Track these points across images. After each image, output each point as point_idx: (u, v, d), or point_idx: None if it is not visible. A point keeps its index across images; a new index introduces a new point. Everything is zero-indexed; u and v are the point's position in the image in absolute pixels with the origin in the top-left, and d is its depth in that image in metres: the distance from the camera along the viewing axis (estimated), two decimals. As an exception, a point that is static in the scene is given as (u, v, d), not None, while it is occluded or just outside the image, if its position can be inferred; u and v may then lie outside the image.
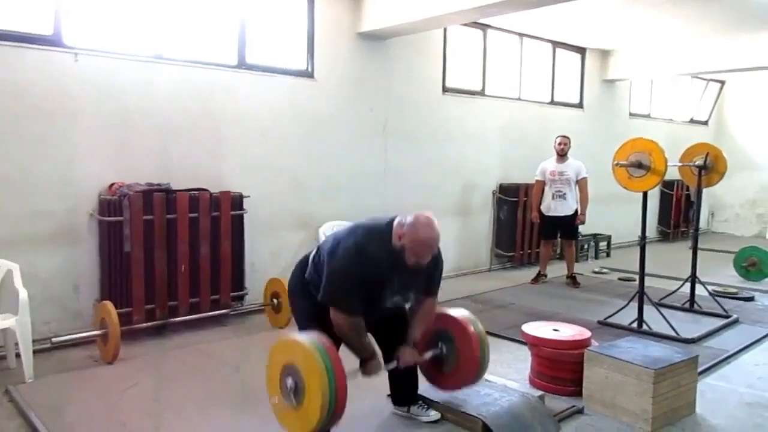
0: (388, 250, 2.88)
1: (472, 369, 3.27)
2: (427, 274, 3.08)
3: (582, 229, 7.70)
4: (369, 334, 3.11)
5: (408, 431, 3.26)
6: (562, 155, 6.92)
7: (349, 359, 3.00)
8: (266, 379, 2.91)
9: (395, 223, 2.92)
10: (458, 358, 3.28)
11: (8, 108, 4.40)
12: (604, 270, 8.04)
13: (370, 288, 2.90)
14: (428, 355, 3.29)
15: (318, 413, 2.60)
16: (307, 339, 2.74)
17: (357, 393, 3.09)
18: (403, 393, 3.40)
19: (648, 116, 10.84)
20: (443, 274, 3.27)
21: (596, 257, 9.08)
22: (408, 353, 3.14)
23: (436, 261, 3.08)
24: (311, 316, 3.08)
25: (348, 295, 2.86)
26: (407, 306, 3.17)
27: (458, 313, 3.36)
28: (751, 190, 11.89)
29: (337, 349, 2.92)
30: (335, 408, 2.63)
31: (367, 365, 3.03)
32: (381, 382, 3.48)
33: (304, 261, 3.21)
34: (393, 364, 3.17)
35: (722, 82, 12.24)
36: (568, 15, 7.31)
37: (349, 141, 6.43)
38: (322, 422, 2.63)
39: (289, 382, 2.73)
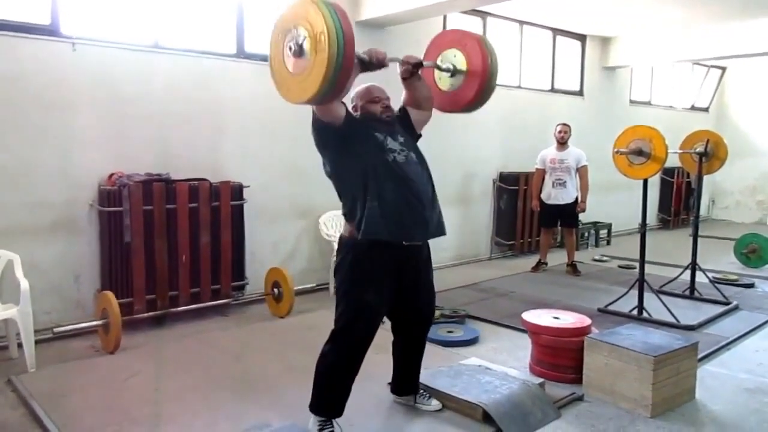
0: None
1: (477, 88, 3.14)
2: (403, 122, 3.20)
3: (582, 217, 7.69)
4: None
5: (409, 420, 3.27)
6: (562, 143, 6.91)
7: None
8: (269, 54, 2.71)
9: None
10: (465, 76, 3.17)
11: (6, 98, 4.39)
12: (605, 258, 8.04)
13: (363, 136, 2.94)
14: (431, 63, 3.22)
15: (325, 68, 2.38)
16: None
17: (358, 382, 3.10)
18: (405, 383, 3.39)
19: (648, 103, 10.81)
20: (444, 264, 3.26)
21: (596, 245, 9.09)
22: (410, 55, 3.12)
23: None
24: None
25: None
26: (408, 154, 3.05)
27: (470, 31, 3.25)
28: (751, 176, 11.87)
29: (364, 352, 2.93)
30: (343, 60, 2.41)
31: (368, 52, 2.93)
32: (383, 371, 3.50)
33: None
34: (398, 59, 3.12)
35: (723, 69, 12.18)
36: (568, 2, 7.28)
37: (348, 130, 6.40)
38: (329, 79, 2.42)
39: (290, 43, 2.53)
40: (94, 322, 4.35)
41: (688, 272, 5.89)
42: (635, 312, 5.08)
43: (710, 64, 11.71)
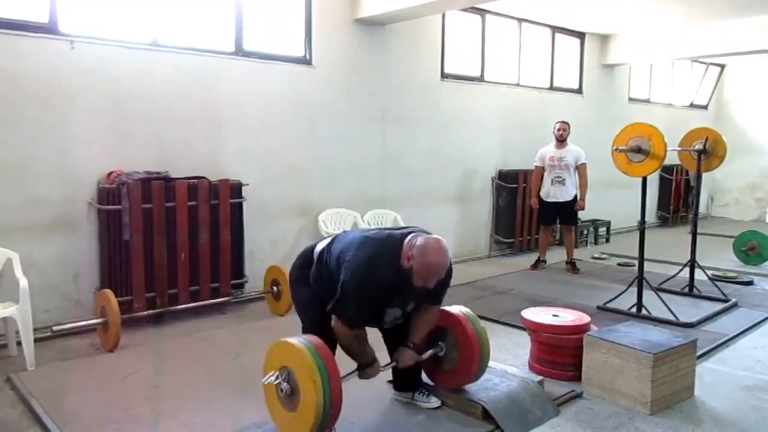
0: (397, 269, 2.83)
1: (472, 368, 3.29)
2: (433, 288, 2.99)
3: (581, 215, 7.69)
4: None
5: (409, 417, 3.27)
6: (561, 141, 6.90)
7: (344, 361, 3.03)
8: (263, 382, 2.93)
9: (405, 242, 2.85)
10: (458, 357, 3.31)
11: (5, 96, 4.38)
12: (604, 255, 8.05)
13: (376, 303, 2.90)
14: (427, 354, 3.30)
15: (313, 415, 2.63)
16: (301, 342, 2.76)
17: (358, 379, 3.10)
18: (406, 380, 3.41)
19: (647, 101, 10.81)
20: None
21: (596, 243, 9.09)
22: (407, 355, 3.15)
23: (445, 278, 3.01)
24: (312, 304, 3.11)
25: (356, 312, 2.86)
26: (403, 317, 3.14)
27: (458, 311, 3.38)
28: (750, 174, 11.88)
29: (333, 351, 2.94)
30: (330, 409, 2.66)
31: (365, 370, 3.06)
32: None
33: (307, 254, 3.17)
34: (392, 365, 3.19)
35: (722, 66, 12.18)
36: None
37: (347, 128, 6.41)
38: (317, 424, 2.66)
39: (284, 386, 2.77)
40: (94, 320, 4.36)
41: (687, 270, 5.89)
42: (634, 309, 5.08)
43: (709, 62, 11.71)
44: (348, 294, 2.81)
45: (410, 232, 2.93)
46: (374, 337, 3.43)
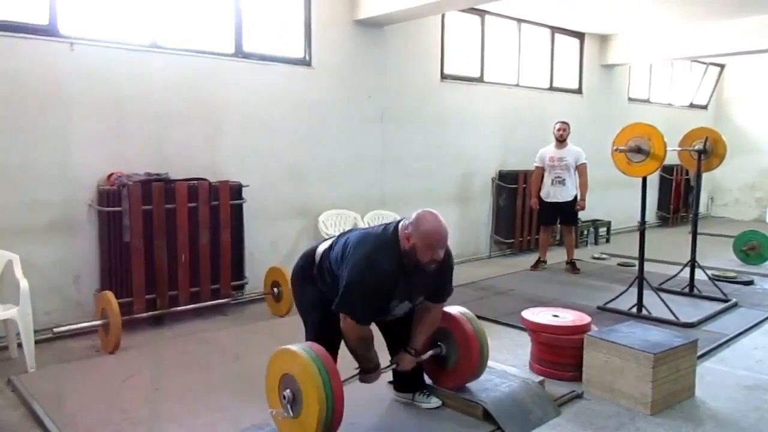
0: (398, 257, 2.86)
1: (472, 367, 3.32)
2: (436, 275, 3.02)
3: (581, 215, 7.69)
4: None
5: (410, 418, 3.27)
6: (561, 141, 6.90)
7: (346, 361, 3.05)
8: (266, 390, 2.96)
9: (400, 226, 2.90)
10: (458, 357, 3.32)
11: (5, 98, 4.38)
12: (604, 256, 8.05)
13: (381, 297, 2.90)
14: (428, 354, 3.31)
15: (315, 424, 2.66)
16: (304, 350, 2.78)
17: (359, 382, 3.10)
18: (406, 382, 3.41)
19: (647, 101, 10.81)
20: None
21: (596, 243, 9.09)
22: (407, 360, 3.18)
23: (445, 260, 3.01)
24: (314, 304, 3.12)
25: (360, 306, 2.86)
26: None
27: (457, 311, 3.41)
28: (750, 174, 11.88)
29: (335, 355, 2.97)
30: (333, 417, 2.68)
31: (367, 375, 3.08)
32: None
33: (310, 255, 3.19)
34: (392, 367, 3.22)
35: (722, 66, 12.19)
36: (566, 0, 7.28)
37: (347, 129, 6.41)
38: (320, 428, 2.67)
39: (287, 393, 2.78)
40: (94, 322, 4.36)
41: (687, 270, 5.89)
42: (635, 309, 5.08)
43: (708, 62, 11.72)
44: (354, 293, 2.82)
45: (404, 218, 2.97)
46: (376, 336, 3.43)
